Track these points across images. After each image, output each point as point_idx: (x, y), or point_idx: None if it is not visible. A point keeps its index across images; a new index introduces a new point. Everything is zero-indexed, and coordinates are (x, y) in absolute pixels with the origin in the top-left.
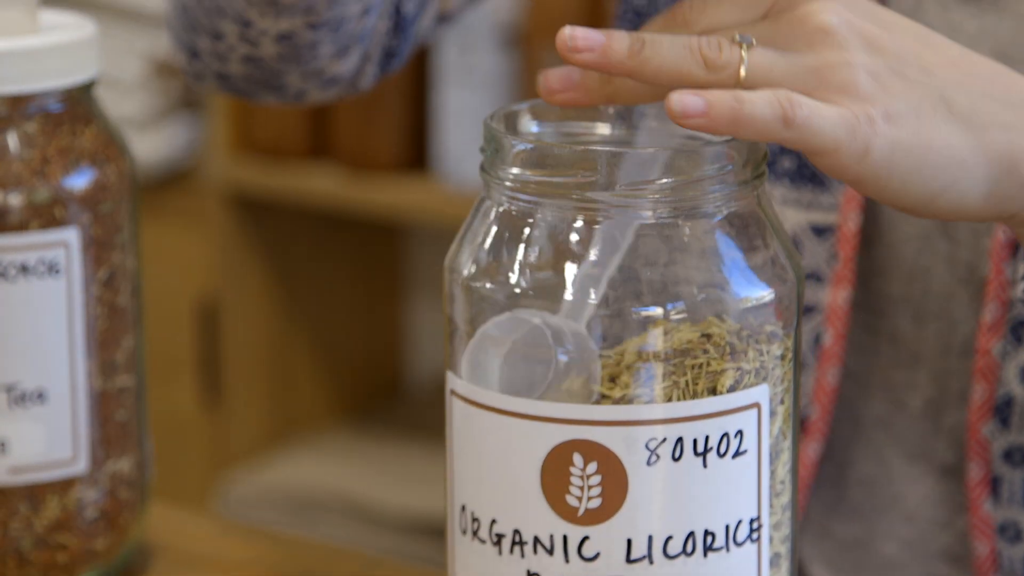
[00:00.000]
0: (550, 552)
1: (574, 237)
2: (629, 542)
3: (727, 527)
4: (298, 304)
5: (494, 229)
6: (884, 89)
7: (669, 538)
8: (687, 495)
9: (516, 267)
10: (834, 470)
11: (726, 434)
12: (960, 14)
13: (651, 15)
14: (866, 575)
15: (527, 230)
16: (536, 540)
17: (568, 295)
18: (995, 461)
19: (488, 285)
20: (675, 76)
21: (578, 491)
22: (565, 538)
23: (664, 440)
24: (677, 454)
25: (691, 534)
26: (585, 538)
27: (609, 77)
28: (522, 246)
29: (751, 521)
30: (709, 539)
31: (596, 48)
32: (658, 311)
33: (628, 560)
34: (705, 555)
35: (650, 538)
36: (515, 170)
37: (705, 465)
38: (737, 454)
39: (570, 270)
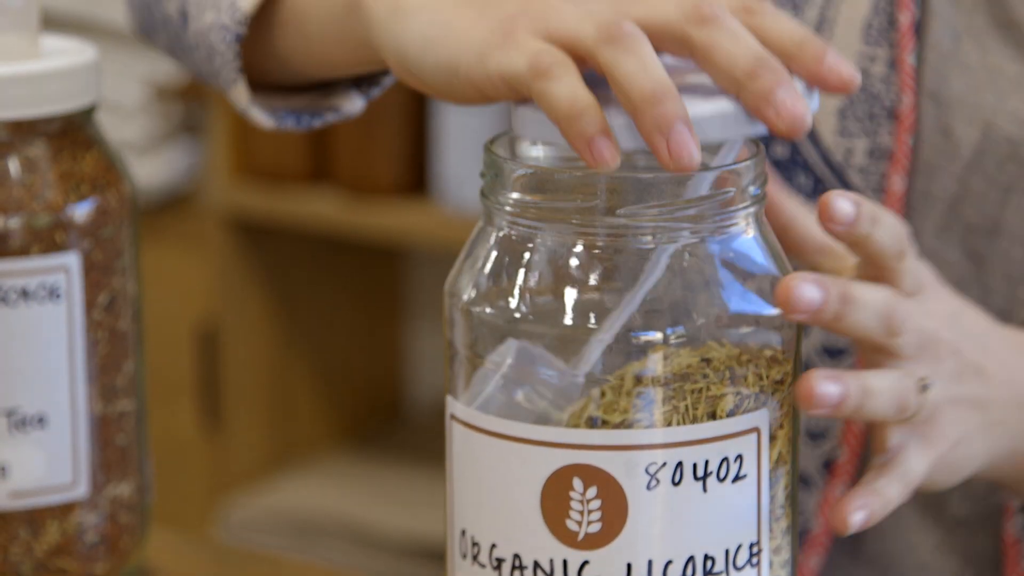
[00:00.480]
0: None
1: (574, 262)
2: (629, 567)
3: (727, 551)
4: (298, 328)
5: (494, 254)
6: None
7: (669, 563)
8: (687, 519)
9: (516, 292)
10: None
11: (726, 459)
12: (1000, 57)
13: None
14: None
15: (527, 255)
16: (536, 565)
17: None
18: None
19: (488, 310)
20: (876, 411)
21: (578, 515)
22: (565, 563)
23: (664, 464)
24: (677, 478)
25: (691, 559)
26: (585, 562)
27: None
28: (522, 271)
29: (751, 546)
30: (709, 563)
31: (835, 399)
32: (658, 336)
33: None
34: None
35: (650, 563)
36: (515, 195)
37: (705, 490)
38: (737, 478)
39: (571, 295)
